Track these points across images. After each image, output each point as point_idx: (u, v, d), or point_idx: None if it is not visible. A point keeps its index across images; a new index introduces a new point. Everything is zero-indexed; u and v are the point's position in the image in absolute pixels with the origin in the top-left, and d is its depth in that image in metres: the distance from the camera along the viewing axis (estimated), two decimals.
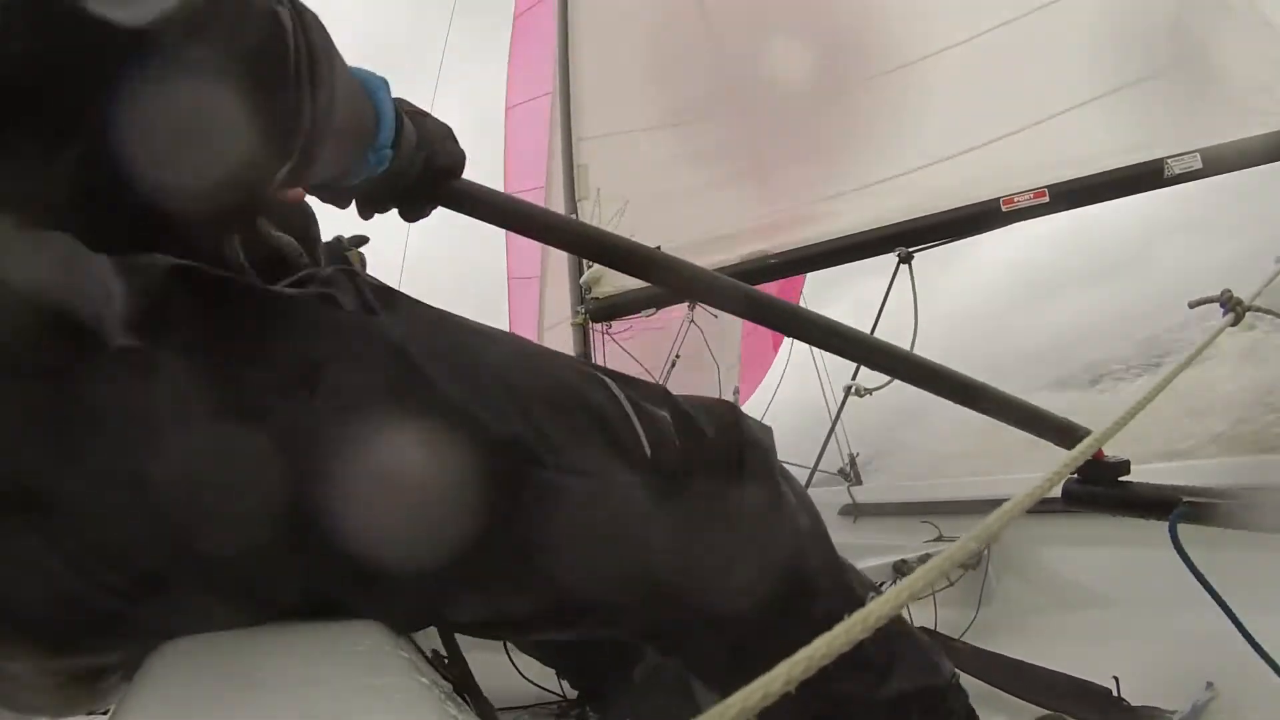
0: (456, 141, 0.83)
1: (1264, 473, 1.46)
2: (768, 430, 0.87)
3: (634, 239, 2.64)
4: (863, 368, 2.41)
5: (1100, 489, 1.22)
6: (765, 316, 1.07)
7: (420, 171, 0.76)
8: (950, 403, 1.10)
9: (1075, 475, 1.23)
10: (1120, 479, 1.20)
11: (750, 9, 2.77)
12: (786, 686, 0.21)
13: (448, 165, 0.81)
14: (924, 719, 0.90)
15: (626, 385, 0.77)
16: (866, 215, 2.35)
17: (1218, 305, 1.25)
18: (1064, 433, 1.10)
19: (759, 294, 1.04)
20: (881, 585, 2.14)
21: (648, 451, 0.72)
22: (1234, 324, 1.22)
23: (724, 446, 0.80)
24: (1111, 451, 1.18)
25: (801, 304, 4.90)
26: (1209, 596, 1.05)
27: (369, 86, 0.68)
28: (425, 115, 0.79)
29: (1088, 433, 0.99)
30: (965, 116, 2.38)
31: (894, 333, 2.42)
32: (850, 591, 0.88)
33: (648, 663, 1.08)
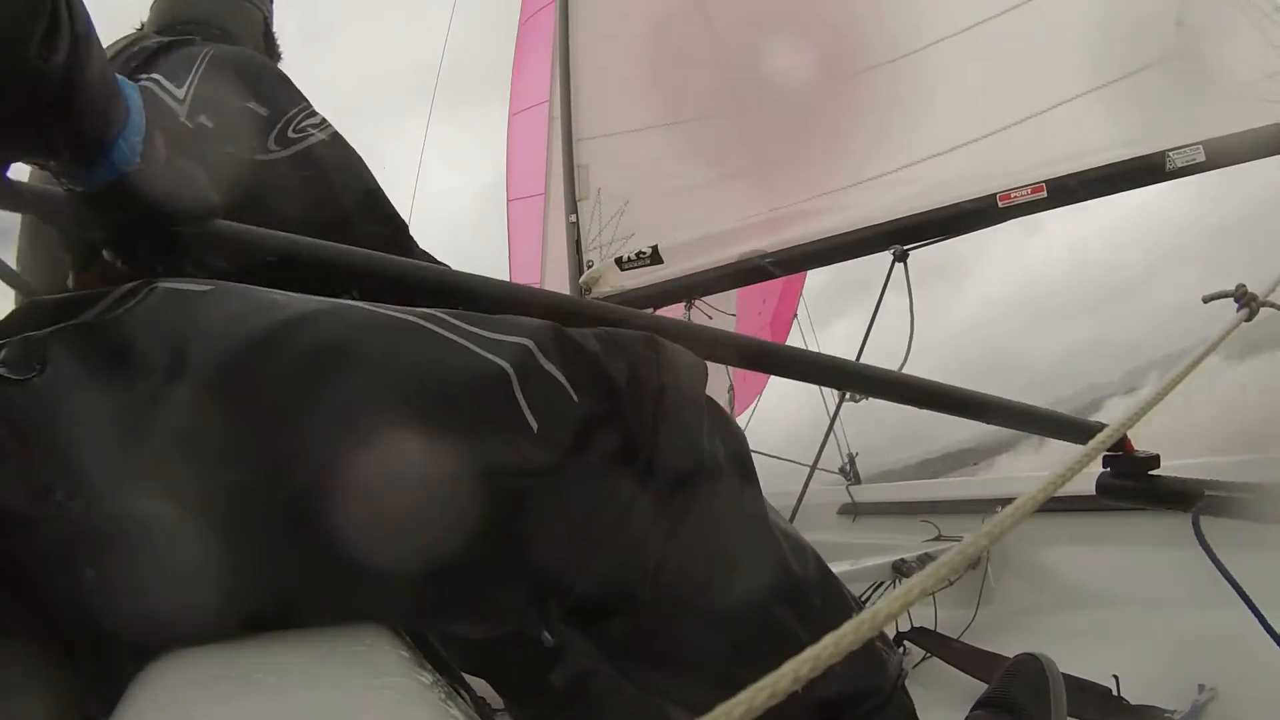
0: (205, 184, 0.80)
1: None
2: (697, 367, 0.76)
3: (634, 238, 2.64)
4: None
5: (1131, 482, 1.26)
6: (758, 362, 1.03)
7: (166, 189, 0.73)
8: None
9: (1108, 469, 1.26)
10: (1150, 472, 1.24)
11: (750, 7, 2.77)
12: (794, 685, 0.21)
13: (192, 196, 0.77)
14: None
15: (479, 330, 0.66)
16: (864, 212, 2.33)
17: (1232, 300, 1.26)
18: (1084, 431, 1.11)
19: (744, 340, 1.01)
20: (881, 585, 2.14)
21: (534, 426, 0.62)
22: (1248, 319, 1.23)
23: (639, 396, 0.69)
24: None
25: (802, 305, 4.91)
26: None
27: (120, 83, 0.69)
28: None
29: (1103, 428, 0.99)
30: (962, 110, 2.35)
31: (900, 333, 2.42)
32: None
33: (569, 667, 1.02)
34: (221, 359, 0.58)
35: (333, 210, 1.09)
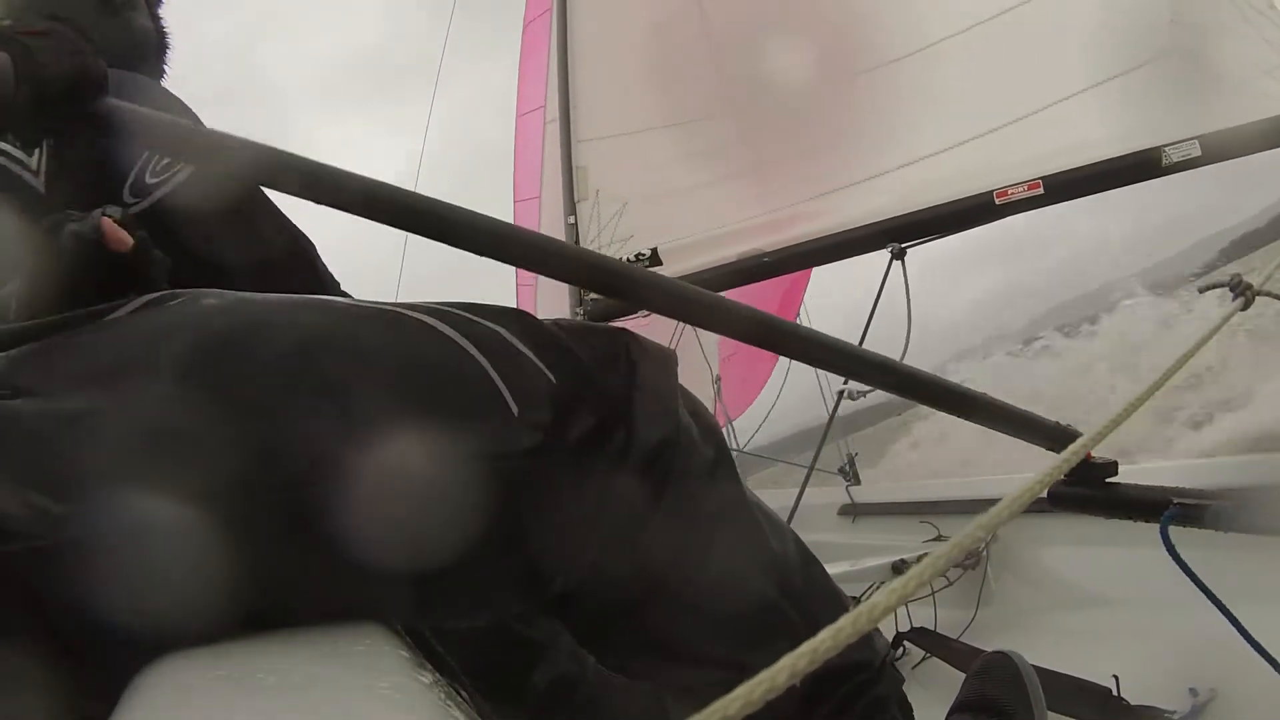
0: (87, 53, 0.70)
1: (1254, 473, 1.45)
2: (665, 352, 0.77)
3: (633, 239, 2.64)
4: None
5: (1087, 491, 1.20)
6: (766, 339, 0.99)
7: (30, 95, 0.65)
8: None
9: (1063, 477, 1.21)
10: (1108, 480, 1.18)
11: (748, 9, 2.77)
12: (792, 679, 0.21)
13: (63, 75, 0.67)
14: (847, 704, 0.81)
15: (470, 324, 0.66)
16: (862, 210, 2.34)
17: (1227, 289, 1.23)
18: (1055, 436, 1.08)
19: (752, 313, 0.95)
20: (881, 585, 2.14)
21: (514, 409, 0.63)
22: (1244, 309, 1.20)
23: (610, 375, 0.70)
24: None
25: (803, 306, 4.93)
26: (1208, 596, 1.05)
27: None
28: (43, 34, 0.68)
29: (1078, 434, 0.97)
30: (959, 109, 2.36)
31: (894, 328, 2.43)
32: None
33: (554, 666, 1.01)
34: (202, 351, 0.58)
35: (217, 251, 0.94)
